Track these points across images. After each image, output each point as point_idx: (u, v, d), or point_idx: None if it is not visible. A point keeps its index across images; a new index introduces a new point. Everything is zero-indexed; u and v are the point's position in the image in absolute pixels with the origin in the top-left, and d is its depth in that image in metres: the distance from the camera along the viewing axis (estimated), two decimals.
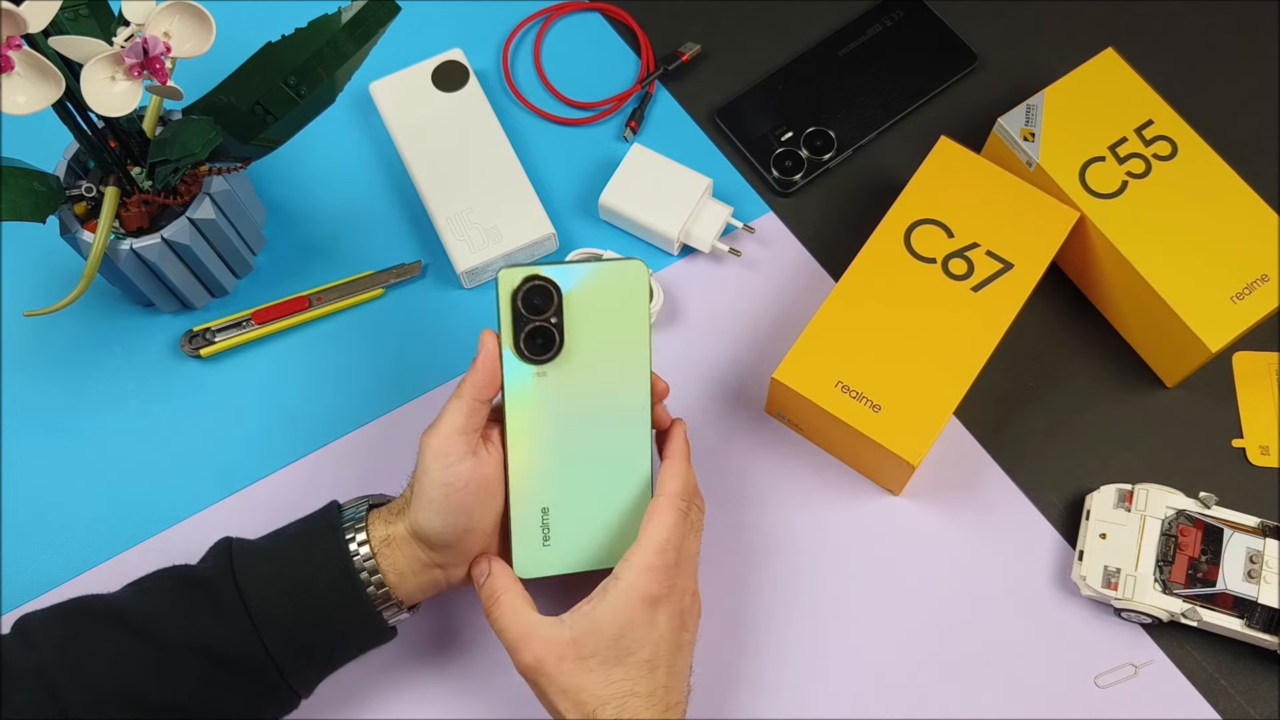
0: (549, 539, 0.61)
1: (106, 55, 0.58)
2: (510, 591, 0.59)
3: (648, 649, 0.57)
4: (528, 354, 0.58)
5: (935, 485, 0.72)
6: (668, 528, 0.58)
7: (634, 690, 0.57)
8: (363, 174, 0.81)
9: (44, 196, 0.65)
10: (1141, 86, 0.75)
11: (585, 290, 0.58)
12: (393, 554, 0.59)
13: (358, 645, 0.62)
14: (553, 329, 0.58)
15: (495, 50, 0.85)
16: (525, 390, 0.59)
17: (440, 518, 0.58)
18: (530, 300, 0.58)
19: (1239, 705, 0.66)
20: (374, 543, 0.59)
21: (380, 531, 0.60)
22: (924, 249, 0.71)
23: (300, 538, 0.61)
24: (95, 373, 0.76)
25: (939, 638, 0.68)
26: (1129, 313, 0.74)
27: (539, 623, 0.58)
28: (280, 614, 0.58)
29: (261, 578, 0.59)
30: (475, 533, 0.60)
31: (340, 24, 0.65)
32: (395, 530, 0.60)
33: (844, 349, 0.68)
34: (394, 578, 0.60)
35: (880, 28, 0.84)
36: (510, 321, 0.58)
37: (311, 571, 0.59)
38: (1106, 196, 0.72)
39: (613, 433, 0.61)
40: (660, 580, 0.57)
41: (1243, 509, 0.68)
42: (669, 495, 0.59)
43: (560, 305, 0.58)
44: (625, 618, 0.56)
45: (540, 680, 0.57)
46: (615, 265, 0.59)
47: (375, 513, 0.61)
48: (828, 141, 0.80)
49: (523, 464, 0.60)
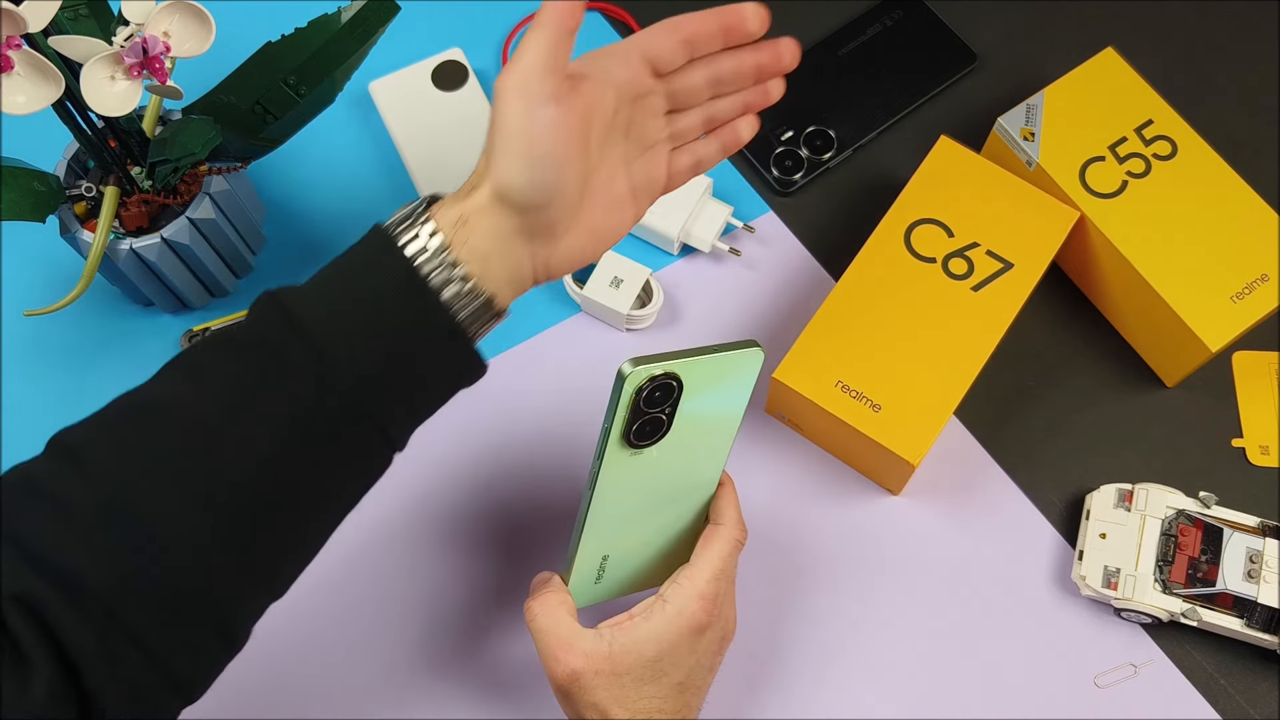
0: (601, 579, 0.61)
1: (106, 55, 0.58)
2: (558, 598, 0.59)
3: (683, 672, 0.57)
4: (635, 442, 0.55)
5: (935, 485, 0.72)
6: (723, 557, 0.58)
7: (660, 708, 0.56)
8: (362, 174, 0.81)
9: (44, 196, 0.65)
10: (1141, 86, 0.75)
11: (701, 378, 0.55)
12: (470, 233, 0.51)
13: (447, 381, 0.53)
14: (664, 418, 0.55)
15: (495, 50, 0.85)
16: (618, 466, 0.56)
17: (527, 170, 0.50)
18: (652, 396, 0.54)
19: (1239, 705, 0.66)
20: (445, 228, 0.50)
21: (452, 213, 0.51)
22: (924, 249, 0.71)
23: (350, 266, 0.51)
24: (95, 372, 0.76)
25: (939, 637, 0.68)
26: (1129, 312, 0.74)
27: (580, 634, 0.57)
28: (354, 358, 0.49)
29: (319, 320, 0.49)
30: (564, 195, 0.52)
31: (340, 24, 0.65)
32: (471, 204, 0.51)
33: (844, 349, 0.68)
34: (476, 265, 0.51)
35: (880, 27, 0.84)
36: (626, 416, 0.54)
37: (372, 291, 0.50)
38: (1106, 196, 0.72)
39: (688, 495, 0.60)
40: (710, 609, 0.57)
41: (1243, 509, 0.68)
42: (729, 525, 0.59)
43: (679, 397, 0.55)
44: (668, 642, 0.56)
45: (573, 691, 0.56)
46: (736, 355, 0.55)
47: (441, 203, 0.52)
48: (828, 141, 0.80)
49: (598, 526, 0.58)
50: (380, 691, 0.67)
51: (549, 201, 0.52)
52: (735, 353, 0.55)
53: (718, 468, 0.60)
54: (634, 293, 0.75)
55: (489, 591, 0.69)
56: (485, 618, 0.69)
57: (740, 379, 0.57)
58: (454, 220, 0.51)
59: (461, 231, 0.51)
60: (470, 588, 0.69)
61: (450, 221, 0.51)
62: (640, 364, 0.53)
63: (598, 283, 0.75)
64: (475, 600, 0.69)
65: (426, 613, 0.69)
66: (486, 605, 0.69)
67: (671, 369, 0.53)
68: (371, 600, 0.69)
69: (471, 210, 0.51)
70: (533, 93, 0.50)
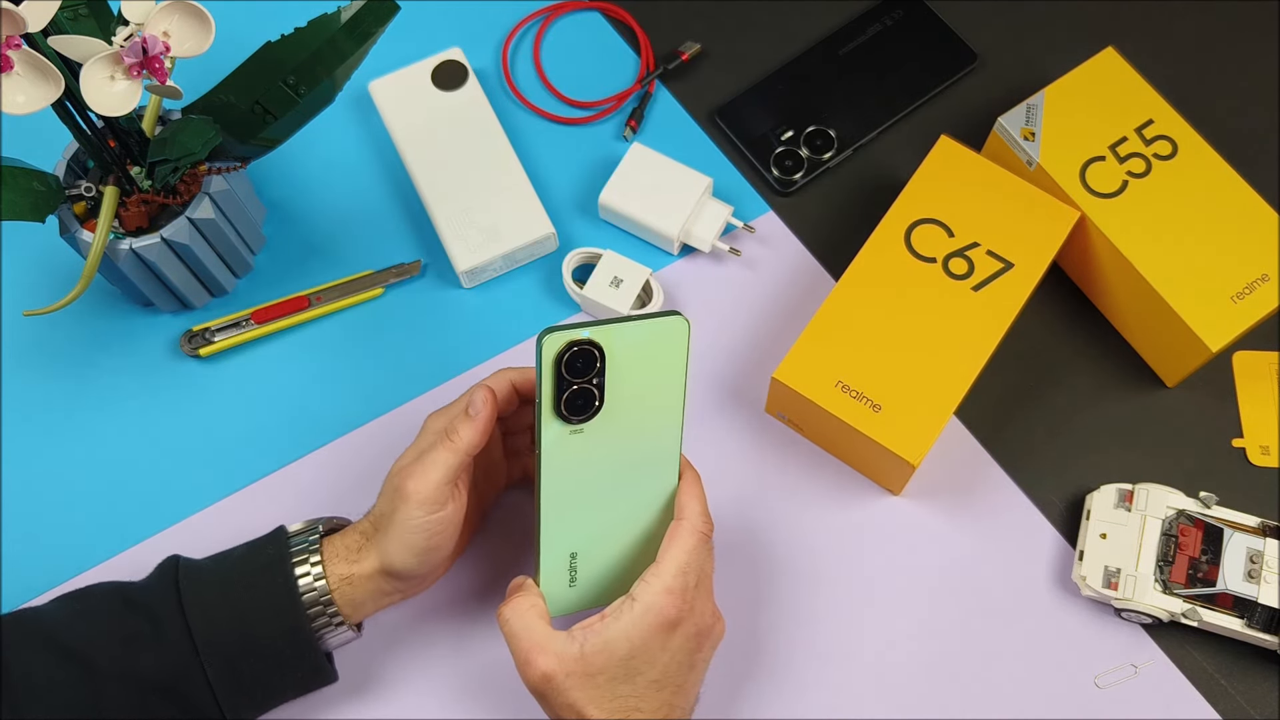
0: (575, 581, 0.61)
1: (106, 55, 0.58)
2: (528, 601, 0.59)
3: (657, 670, 0.57)
4: (568, 415, 0.56)
5: (935, 485, 0.72)
6: (688, 551, 0.58)
7: (638, 707, 0.57)
8: (362, 173, 0.81)
9: (43, 196, 0.65)
10: (1141, 86, 0.74)
11: (626, 348, 0.56)
12: (353, 590, 0.60)
13: (299, 684, 0.62)
14: (594, 390, 0.56)
15: (495, 49, 0.85)
16: (560, 446, 0.57)
17: (418, 558, 0.60)
18: (574, 364, 0.55)
19: (1239, 705, 0.66)
20: (332, 579, 0.60)
21: (342, 570, 0.60)
22: (924, 248, 0.71)
23: (248, 566, 0.60)
24: (94, 372, 0.75)
25: (939, 638, 0.68)
26: (1129, 312, 0.74)
27: (552, 637, 0.57)
28: (226, 643, 0.58)
29: (208, 604, 0.58)
30: (445, 561, 0.62)
31: (339, 23, 0.65)
32: (360, 569, 0.60)
33: (844, 348, 0.68)
34: (349, 610, 0.60)
35: (880, 27, 0.84)
36: (552, 386, 0.55)
37: (258, 600, 0.59)
38: (1107, 196, 0.72)
39: (642, 480, 0.60)
40: (678, 604, 0.57)
41: (1243, 509, 0.68)
42: (691, 519, 0.59)
43: (603, 367, 0.56)
44: (638, 640, 0.56)
45: (547, 693, 0.57)
46: (658, 322, 0.56)
47: (332, 547, 0.61)
48: (828, 141, 0.80)
49: (555, 515, 0.59)
50: (364, 693, 0.67)
51: (431, 571, 0.62)
52: (656, 320, 0.56)
53: (671, 450, 0.60)
54: (634, 293, 0.75)
55: (476, 592, 0.69)
56: (468, 620, 0.69)
57: (669, 351, 0.57)
58: (342, 577, 0.60)
59: (344, 587, 0.60)
60: (455, 590, 0.69)
61: (339, 577, 0.60)
62: (558, 329, 0.55)
63: (598, 283, 0.75)
64: (458, 602, 0.69)
65: (414, 613, 0.69)
66: (469, 607, 0.69)
67: (589, 335, 0.55)
68: None
69: (360, 574, 0.60)
70: (435, 500, 0.59)
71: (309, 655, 0.60)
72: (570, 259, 0.76)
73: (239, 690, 0.59)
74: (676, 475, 0.61)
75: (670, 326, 0.56)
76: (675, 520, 0.60)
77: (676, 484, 0.61)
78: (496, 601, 0.68)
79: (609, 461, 0.58)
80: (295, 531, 0.62)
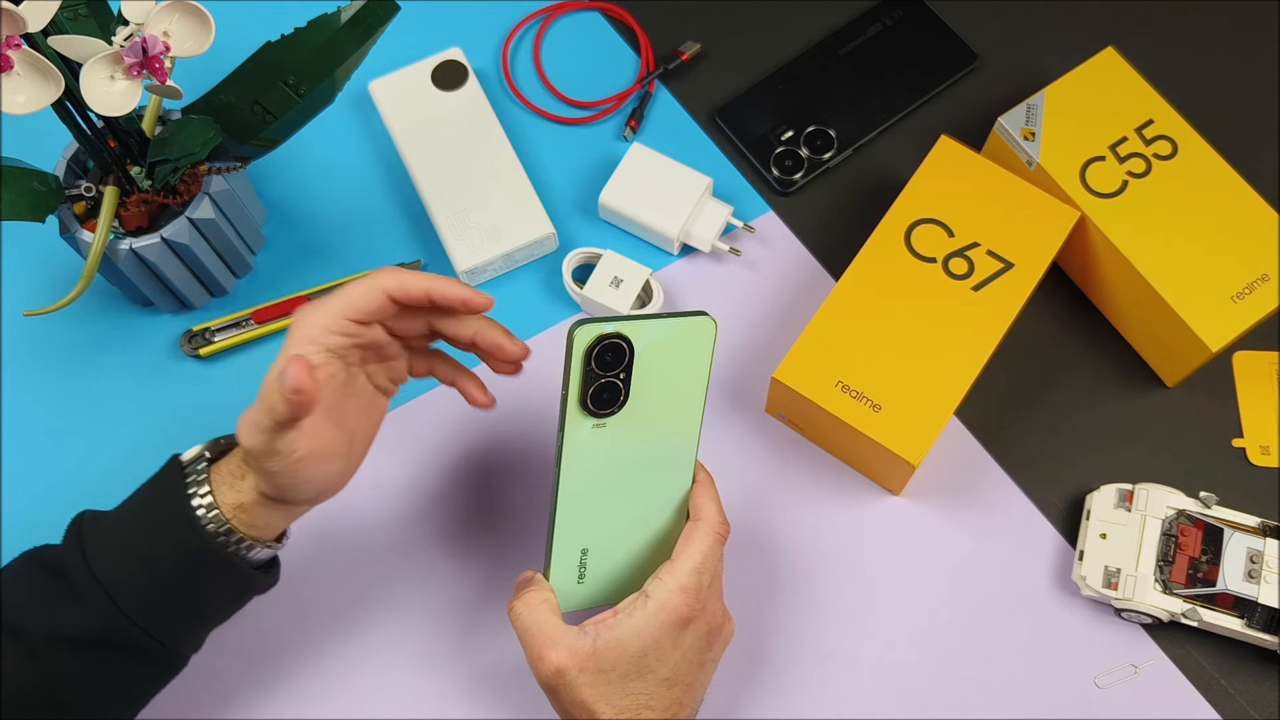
0: (584, 578, 0.61)
1: (106, 55, 0.58)
2: (540, 596, 0.59)
3: (668, 667, 0.57)
4: (593, 409, 0.56)
5: (935, 485, 0.72)
6: (704, 552, 0.58)
7: (649, 704, 0.57)
8: (362, 173, 0.81)
9: (43, 196, 0.65)
10: (1141, 86, 0.74)
11: (654, 345, 0.56)
12: (249, 517, 0.57)
13: (234, 600, 0.60)
14: (620, 384, 0.56)
15: (495, 49, 0.85)
16: (582, 441, 0.57)
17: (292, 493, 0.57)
18: (603, 357, 0.55)
19: (1239, 705, 0.66)
20: (225, 509, 0.57)
21: (231, 498, 0.57)
22: (924, 248, 0.71)
23: (146, 508, 0.58)
24: (95, 372, 0.76)
25: (939, 637, 0.68)
26: (1129, 312, 0.74)
27: (564, 632, 0.57)
28: (137, 588, 0.56)
29: (111, 550, 0.57)
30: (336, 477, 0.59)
31: (340, 23, 0.65)
32: (247, 497, 0.57)
33: (844, 348, 0.68)
34: (255, 533, 0.58)
35: (880, 27, 0.84)
36: (580, 378, 0.55)
37: (160, 541, 0.57)
38: (1107, 196, 0.72)
39: (658, 479, 0.60)
40: (692, 602, 0.57)
41: (1243, 509, 0.68)
42: (709, 520, 0.59)
43: (631, 361, 0.56)
44: (651, 637, 0.56)
45: (559, 688, 0.57)
46: (687, 321, 0.57)
47: (219, 474, 0.58)
48: (828, 141, 0.80)
49: (571, 510, 0.59)
50: (374, 692, 0.67)
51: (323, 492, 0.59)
52: (685, 319, 0.57)
53: (689, 451, 0.60)
54: (634, 293, 0.75)
55: (480, 590, 0.69)
56: (476, 616, 0.69)
57: (695, 349, 0.57)
58: (234, 505, 0.57)
59: (240, 515, 0.57)
60: (463, 586, 0.69)
61: (230, 505, 0.57)
62: (589, 323, 0.55)
63: (598, 283, 0.75)
64: (466, 599, 0.69)
65: (419, 612, 0.69)
66: (477, 603, 0.69)
67: (620, 329, 0.55)
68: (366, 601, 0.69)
69: (249, 503, 0.57)
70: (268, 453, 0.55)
71: (230, 575, 0.58)
72: (570, 259, 0.76)
73: (172, 624, 0.57)
74: (691, 476, 0.61)
75: (698, 326, 0.57)
76: (692, 520, 0.60)
77: (690, 485, 0.61)
78: (496, 600, 0.69)
79: (627, 459, 0.59)
80: (188, 460, 0.59)
